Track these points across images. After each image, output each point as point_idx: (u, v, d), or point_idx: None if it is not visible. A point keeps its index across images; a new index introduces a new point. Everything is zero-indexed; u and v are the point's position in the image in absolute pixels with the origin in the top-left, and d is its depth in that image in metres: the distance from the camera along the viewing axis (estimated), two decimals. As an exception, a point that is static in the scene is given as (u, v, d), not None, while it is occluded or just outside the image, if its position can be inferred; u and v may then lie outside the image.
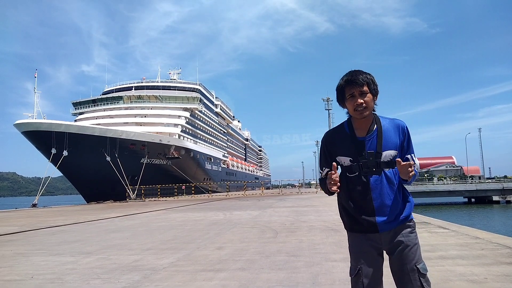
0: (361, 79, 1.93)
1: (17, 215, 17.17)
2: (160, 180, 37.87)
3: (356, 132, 1.99)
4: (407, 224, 1.95)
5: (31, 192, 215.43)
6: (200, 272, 4.31)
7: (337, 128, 2.07)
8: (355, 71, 1.98)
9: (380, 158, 1.92)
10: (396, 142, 1.95)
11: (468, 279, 3.59)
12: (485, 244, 5.36)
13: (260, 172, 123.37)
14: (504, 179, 61.18)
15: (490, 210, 38.22)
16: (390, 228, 1.92)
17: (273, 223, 9.30)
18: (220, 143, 70.98)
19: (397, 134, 1.96)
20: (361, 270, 1.91)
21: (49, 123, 34.78)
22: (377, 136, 1.94)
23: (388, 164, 1.93)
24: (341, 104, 2.05)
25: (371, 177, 1.93)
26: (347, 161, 1.98)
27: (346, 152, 1.98)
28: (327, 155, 2.06)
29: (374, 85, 1.98)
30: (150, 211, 16.24)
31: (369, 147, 1.94)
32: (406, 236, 1.92)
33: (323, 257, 4.87)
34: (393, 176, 1.94)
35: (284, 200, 22.57)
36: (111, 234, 8.42)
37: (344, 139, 2.00)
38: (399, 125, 1.98)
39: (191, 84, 60.39)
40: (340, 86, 1.99)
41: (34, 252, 6.16)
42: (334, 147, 2.03)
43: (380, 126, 1.97)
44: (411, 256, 1.89)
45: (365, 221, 1.93)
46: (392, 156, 1.94)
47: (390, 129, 1.97)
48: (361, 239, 1.96)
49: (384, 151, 1.93)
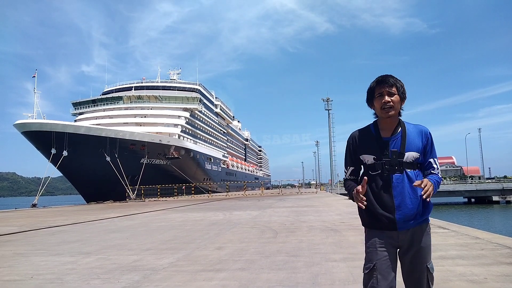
0: (391, 80, 2.06)
1: (17, 215, 17.17)
2: (160, 180, 37.86)
3: (381, 132, 2.08)
4: (424, 225, 2.04)
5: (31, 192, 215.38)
6: (200, 272, 4.31)
7: (363, 128, 2.17)
8: (386, 74, 2.10)
9: (403, 158, 2.01)
10: (418, 146, 2.04)
11: (468, 279, 3.59)
12: (485, 244, 5.36)
13: (260, 172, 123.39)
14: (504, 179, 61.23)
15: (490, 210, 38.23)
16: (408, 227, 1.99)
17: (273, 223, 9.30)
18: (220, 143, 70.97)
19: (420, 138, 2.06)
20: (376, 266, 1.96)
21: (49, 123, 34.77)
22: (401, 138, 2.04)
23: (410, 165, 2.02)
24: (370, 104, 2.16)
25: (393, 176, 2.01)
26: (371, 159, 2.06)
27: (370, 151, 2.07)
28: (352, 154, 2.15)
29: (403, 89, 2.09)
30: (150, 211, 16.24)
31: (393, 147, 2.03)
32: (422, 237, 2.01)
33: (323, 257, 4.87)
34: (414, 177, 2.01)
35: (284, 200, 22.57)
36: (111, 234, 8.41)
37: (369, 138, 2.10)
38: (422, 130, 2.09)
39: (191, 84, 60.39)
40: (371, 87, 2.12)
41: (34, 252, 6.16)
42: (358, 146, 2.12)
43: (404, 129, 2.07)
44: (424, 256, 2.00)
45: (385, 218, 1.99)
46: (414, 158, 2.02)
47: (414, 133, 2.06)
48: (379, 236, 2.02)
49: (407, 152, 2.02)
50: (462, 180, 64.28)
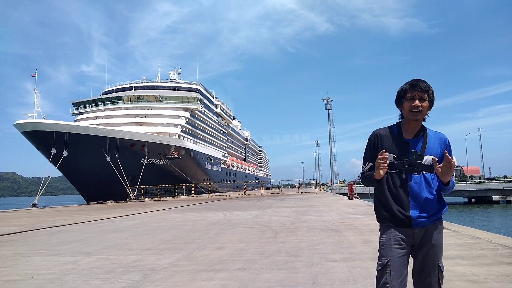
0: (424, 86, 2.12)
1: (17, 215, 17.17)
2: (160, 180, 37.86)
3: (404, 134, 2.17)
4: (438, 223, 2.12)
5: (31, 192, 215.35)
6: (200, 272, 4.31)
7: (386, 128, 2.24)
8: (419, 79, 2.16)
9: (422, 160, 2.08)
10: (437, 151, 2.12)
11: (468, 279, 3.59)
12: (485, 244, 5.36)
13: (260, 172, 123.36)
14: (504, 179, 61.19)
15: (490, 210, 38.23)
16: (423, 224, 2.06)
17: (273, 223, 9.30)
18: (220, 143, 70.96)
19: (440, 145, 2.15)
20: (390, 263, 2.01)
21: (49, 123, 34.74)
22: (423, 141, 2.13)
23: (428, 168, 2.09)
24: (398, 105, 2.23)
25: (410, 176, 2.09)
26: (391, 158, 2.12)
27: (391, 150, 2.13)
28: (373, 150, 2.20)
29: (433, 96, 2.16)
30: (150, 211, 16.24)
31: (414, 148, 2.12)
32: (436, 235, 2.10)
33: (323, 257, 4.87)
34: (431, 179, 2.11)
35: (284, 200, 22.57)
36: (111, 234, 8.42)
37: (391, 138, 2.17)
38: (442, 138, 2.18)
39: (191, 84, 60.37)
40: (404, 88, 2.18)
41: (34, 252, 6.16)
42: (380, 144, 2.18)
43: (426, 133, 2.16)
44: (437, 254, 2.09)
45: (401, 215, 2.06)
46: (432, 162, 2.08)
47: (434, 139, 2.16)
48: (394, 232, 2.08)
49: (426, 155, 2.09)
50: (462, 180, 64.24)
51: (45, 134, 33.97)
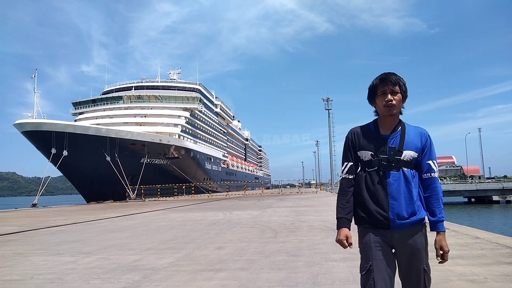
0: (394, 78, 2.03)
1: (17, 215, 17.17)
2: (160, 180, 37.84)
3: (380, 130, 2.07)
4: (419, 227, 1.98)
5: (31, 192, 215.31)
6: (200, 272, 4.31)
7: (363, 126, 2.16)
8: (389, 72, 2.08)
9: (401, 156, 1.98)
10: (417, 146, 2.02)
11: (468, 279, 3.59)
12: (485, 244, 5.36)
13: (260, 172, 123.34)
14: (504, 179, 61.25)
15: (490, 210, 38.21)
16: (402, 227, 1.94)
17: (273, 223, 9.30)
18: (220, 143, 70.95)
19: (419, 139, 2.04)
20: (373, 267, 1.92)
21: (49, 123, 34.74)
22: (401, 136, 2.02)
23: (407, 164, 1.99)
24: (371, 102, 2.15)
25: (389, 173, 1.98)
26: (368, 155, 2.04)
27: (368, 147, 2.05)
28: (351, 149, 2.13)
29: (405, 88, 2.07)
30: (150, 211, 16.24)
31: (391, 144, 2.02)
32: (418, 238, 1.96)
33: (323, 257, 4.87)
34: (411, 176, 1.99)
35: (284, 200, 22.57)
36: (111, 234, 8.41)
37: (368, 135, 2.08)
38: (421, 132, 2.07)
39: (191, 84, 60.36)
40: (374, 84, 2.10)
41: (34, 252, 6.16)
42: (357, 142, 2.10)
43: (404, 127, 2.06)
44: (420, 258, 1.96)
45: (379, 216, 1.96)
46: (412, 157, 2.00)
47: (413, 133, 2.05)
48: (373, 234, 1.99)
49: (405, 150, 2.00)
50: (462, 180, 64.29)
51: (45, 134, 33.96)
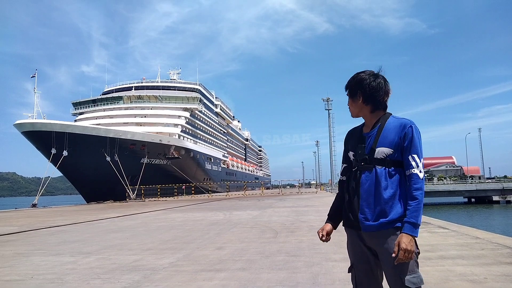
0: (347, 83, 2.04)
1: (17, 215, 17.17)
2: (160, 180, 37.84)
3: (364, 129, 2.05)
4: (391, 230, 1.82)
5: (31, 192, 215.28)
6: (200, 272, 4.31)
7: (356, 126, 2.15)
8: (351, 77, 2.04)
9: (374, 154, 1.89)
10: (393, 141, 1.87)
11: (468, 279, 3.59)
12: (485, 244, 5.36)
13: (260, 172, 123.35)
14: (504, 179, 61.26)
15: (490, 210, 38.21)
16: (372, 229, 1.84)
17: (273, 223, 9.30)
18: (220, 143, 70.96)
19: (397, 132, 1.88)
20: (354, 266, 1.96)
21: (49, 123, 34.75)
22: (376, 133, 1.93)
23: (381, 162, 1.88)
24: None
25: (363, 173, 1.91)
26: (351, 155, 2.04)
27: (352, 147, 2.04)
28: (344, 151, 2.15)
29: (359, 86, 1.96)
30: (150, 211, 16.24)
31: (368, 142, 1.95)
32: (391, 243, 1.79)
33: (323, 257, 4.87)
34: (383, 175, 1.86)
35: (284, 200, 22.57)
36: (111, 234, 8.41)
37: (354, 135, 2.08)
38: (402, 123, 1.89)
39: (191, 84, 60.37)
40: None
41: (34, 252, 6.16)
42: (347, 143, 2.12)
43: (383, 123, 1.93)
44: (399, 267, 1.76)
45: (351, 217, 1.94)
46: (386, 154, 1.87)
47: (392, 127, 1.90)
48: (352, 234, 1.98)
49: (378, 147, 1.89)
50: (462, 180, 64.30)
51: (45, 134, 33.98)
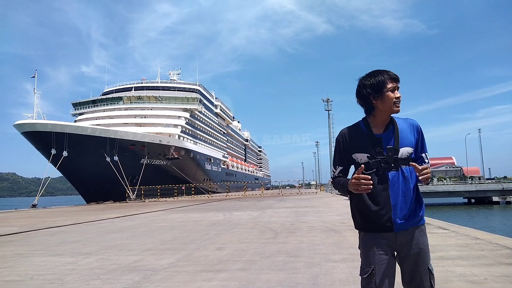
0: (395, 76, 2.00)
1: (17, 215, 17.16)
2: (160, 181, 37.84)
3: (373, 129, 1.99)
4: (420, 226, 1.96)
5: (31, 193, 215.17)
6: (200, 273, 4.31)
7: (353, 126, 2.07)
8: (386, 70, 2.02)
9: (398, 154, 1.92)
10: (411, 140, 1.97)
11: (468, 279, 3.59)
12: (485, 244, 5.36)
13: (260, 173, 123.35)
14: (504, 180, 61.22)
15: (490, 211, 38.21)
16: (405, 227, 1.91)
17: (273, 224, 9.30)
18: (220, 144, 70.96)
19: (412, 132, 1.98)
20: (375, 271, 1.88)
21: (49, 124, 34.75)
22: (394, 134, 1.96)
23: (405, 161, 1.93)
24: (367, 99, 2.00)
25: (389, 174, 1.92)
26: (365, 157, 1.96)
27: (363, 149, 1.97)
28: (342, 153, 2.05)
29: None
30: (150, 212, 16.24)
31: (387, 143, 1.95)
32: (421, 238, 1.94)
33: (323, 258, 4.87)
34: (409, 174, 1.94)
35: (284, 201, 22.56)
36: (111, 234, 8.41)
37: (360, 136, 2.00)
38: (413, 124, 2.01)
39: (191, 84, 60.38)
40: (381, 80, 1.96)
41: (34, 253, 6.16)
42: (350, 144, 2.02)
43: (396, 124, 1.99)
44: (425, 258, 1.93)
45: (382, 219, 1.91)
46: (409, 153, 1.94)
47: (405, 128, 1.99)
48: (375, 238, 1.93)
49: (401, 147, 1.94)
50: (462, 180, 64.25)
51: (45, 135, 33.97)
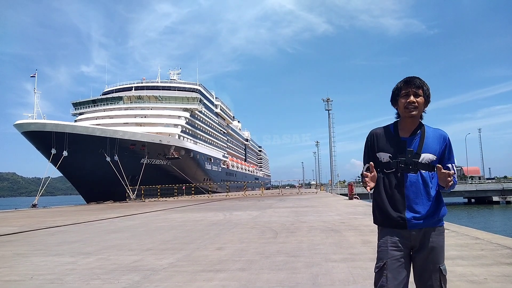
0: (418, 82, 2.10)
1: (17, 215, 17.17)
2: (160, 181, 37.84)
3: (400, 132, 2.13)
4: (437, 227, 2.05)
5: (31, 193, 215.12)
6: (200, 273, 4.31)
7: (383, 127, 2.21)
8: (414, 76, 2.13)
9: (419, 159, 2.03)
10: (436, 149, 2.06)
11: (468, 279, 3.59)
12: (485, 244, 5.36)
13: (260, 173, 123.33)
14: (504, 180, 61.19)
15: (490, 211, 38.24)
16: (419, 226, 2.01)
17: (273, 224, 9.30)
18: (220, 144, 70.94)
19: (439, 142, 2.09)
20: (386, 265, 1.98)
21: (49, 124, 34.73)
22: (420, 139, 2.07)
23: (425, 167, 2.04)
24: (394, 104, 2.19)
25: (407, 175, 2.03)
26: (386, 157, 2.09)
27: (387, 149, 2.10)
28: (370, 151, 2.19)
29: (428, 92, 2.12)
30: (150, 212, 16.24)
31: (410, 147, 2.06)
32: (435, 237, 2.03)
33: (323, 258, 4.87)
34: (429, 178, 2.04)
35: (284, 201, 22.57)
36: (111, 234, 8.41)
37: (387, 137, 2.14)
38: (441, 134, 2.12)
39: (191, 84, 60.35)
40: (398, 86, 2.15)
41: (34, 253, 6.16)
42: (376, 144, 2.16)
43: (423, 131, 2.10)
44: (436, 257, 2.01)
45: (396, 216, 2.02)
46: (430, 160, 2.04)
47: (432, 136, 2.09)
48: (390, 234, 2.04)
49: (423, 153, 2.04)
50: (462, 180, 64.22)
51: (45, 134, 33.96)
